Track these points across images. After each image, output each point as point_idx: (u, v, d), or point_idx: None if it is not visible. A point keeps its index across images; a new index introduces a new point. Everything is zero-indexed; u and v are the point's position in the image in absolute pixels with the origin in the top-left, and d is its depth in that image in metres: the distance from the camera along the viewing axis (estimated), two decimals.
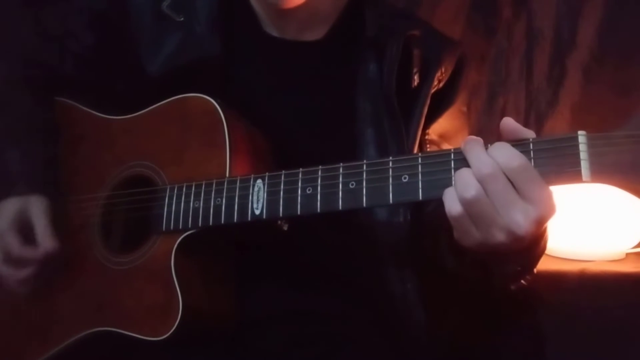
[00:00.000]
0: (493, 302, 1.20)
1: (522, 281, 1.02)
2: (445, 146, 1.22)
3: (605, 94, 1.91)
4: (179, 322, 1.00)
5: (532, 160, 0.84)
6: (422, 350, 1.17)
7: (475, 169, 0.84)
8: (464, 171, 0.85)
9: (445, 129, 1.22)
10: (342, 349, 1.12)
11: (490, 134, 1.94)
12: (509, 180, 0.83)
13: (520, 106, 1.99)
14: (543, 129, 1.95)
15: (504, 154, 0.84)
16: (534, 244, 0.90)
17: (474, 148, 0.86)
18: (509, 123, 0.87)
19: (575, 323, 1.42)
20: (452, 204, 0.86)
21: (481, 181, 0.83)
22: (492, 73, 2.01)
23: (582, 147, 0.81)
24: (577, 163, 0.81)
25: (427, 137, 1.20)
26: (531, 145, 0.85)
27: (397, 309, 1.16)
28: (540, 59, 1.98)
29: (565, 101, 1.95)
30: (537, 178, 0.83)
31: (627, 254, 1.60)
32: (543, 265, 1.51)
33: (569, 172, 0.82)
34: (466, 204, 0.84)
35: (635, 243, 1.58)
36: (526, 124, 1.92)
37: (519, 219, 0.83)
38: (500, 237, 0.84)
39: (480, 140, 0.87)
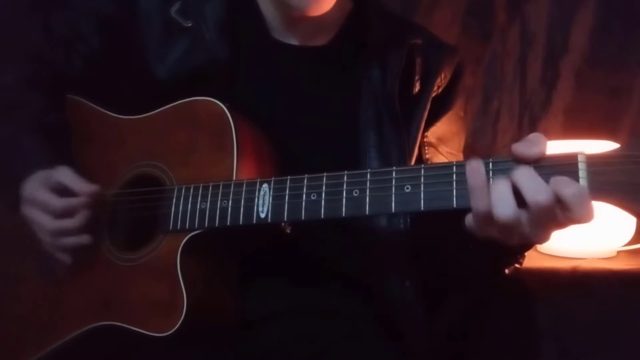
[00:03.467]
0: (487, 290, 1.19)
1: (516, 264, 1.02)
2: (443, 149, 1.22)
3: (596, 97, 1.92)
4: (184, 319, 0.99)
5: None
6: (420, 345, 1.15)
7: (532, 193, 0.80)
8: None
9: (443, 132, 1.22)
10: (343, 345, 1.11)
11: (485, 136, 1.97)
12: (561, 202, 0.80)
13: (514, 108, 1.99)
14: (536, 131, 1.89)
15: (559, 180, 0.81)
16: None
17: (533, 177, 0.82)
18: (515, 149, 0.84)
19: (567, 318, 1.41)
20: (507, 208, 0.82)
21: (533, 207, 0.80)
22: (487, 76, 2.01)
23: (581, 166, 0.80)
24: (576, 182, 0.80)
25: (425, 139, 1.20)
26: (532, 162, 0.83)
27: (395, 307, 1.15)
28: (533, 63, 1.99)
29: (558, 103, 1.95)
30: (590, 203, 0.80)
31: (618, 252, 1.60)
32: (537, 262, 1.51)
33: None
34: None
35: (626, 241, 1.58)
36: (520, 126, 1.96)
37: (550, 233, 0.83)
38: (515, 241, 0.85)
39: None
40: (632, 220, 1.54)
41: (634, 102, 1.90)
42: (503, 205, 0.81)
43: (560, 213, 0.80)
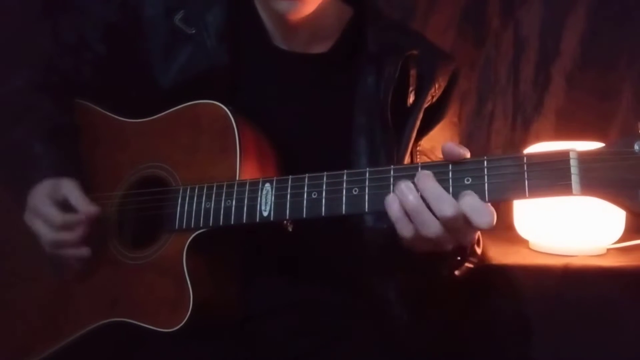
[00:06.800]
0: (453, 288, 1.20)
1: (467, 264, 1.04)
2: (436, 155, 1.20)
3: (587, 99, 1.92)
4: (190, 314, 1.00)
5: (526, 174, 0.83)
6: (411, 343, 1.15)
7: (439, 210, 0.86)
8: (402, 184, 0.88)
9: (437, 140, 1.20)
10: (339, 339, 1.11)
11: (479, 137, 1.98)
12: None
13: (507, 111, 1.99)
14: (529, 132, 1.95)
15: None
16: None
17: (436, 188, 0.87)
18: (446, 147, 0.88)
19: (559, 315, 1.41)
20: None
21: (444, 222, 0.86)
22: (481, 79, 2.01)
23: (573, 163, 0.81)
24: (568, 177, 0.81)
25: (418, 148, 1.19)
26: (525, 159, 0.84)
27: (379, 305, 1.16)
28: (526, 67, 1.98)
29: (550, 106, 1.95)
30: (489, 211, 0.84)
31: (608, 250, 1.59)
32: (528, 259, 1.51)
33: (559, 185, 0.81)
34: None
35: (616, 239, 1.58)
36: (513, 128, 1.97)
37: (469, 238, 0.90)
38: (448, 247, 0.90)
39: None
40: (622, 218, 1.54)
41: (624, 103, 1.90)
42: (406, 194, 0.87)
43: (466, 224, 0.85)
